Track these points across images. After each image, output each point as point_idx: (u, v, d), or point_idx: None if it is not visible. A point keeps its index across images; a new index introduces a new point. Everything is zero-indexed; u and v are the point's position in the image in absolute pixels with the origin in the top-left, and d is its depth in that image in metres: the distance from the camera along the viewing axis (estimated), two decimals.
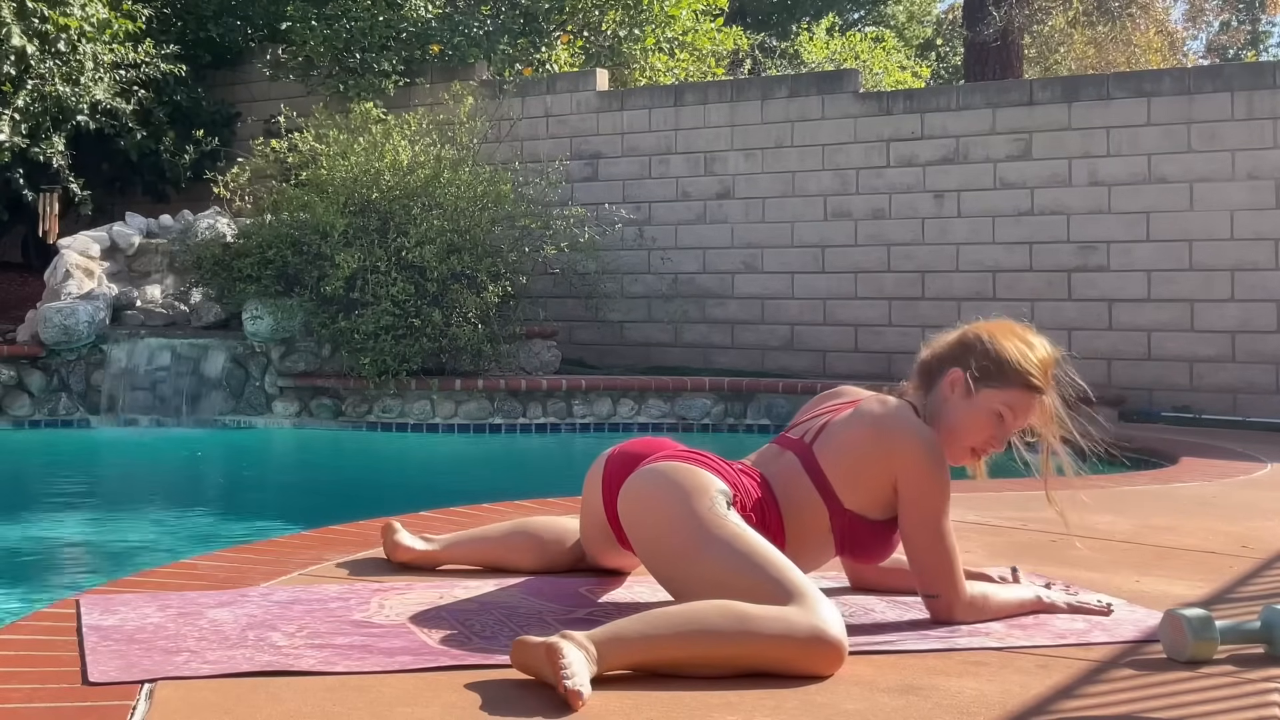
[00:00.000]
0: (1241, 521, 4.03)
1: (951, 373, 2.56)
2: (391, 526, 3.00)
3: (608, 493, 2.59)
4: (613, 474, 2.59)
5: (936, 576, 2.48)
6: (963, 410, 2.55)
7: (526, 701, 1.98)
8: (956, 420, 2.55)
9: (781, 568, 2.26)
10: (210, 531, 5.56)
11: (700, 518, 2.34)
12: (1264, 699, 2.09)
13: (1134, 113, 8.85)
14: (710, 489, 2.39)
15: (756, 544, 2.30)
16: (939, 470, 2.45)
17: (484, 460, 8.15)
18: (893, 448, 2.45)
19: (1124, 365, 8.75)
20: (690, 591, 2.30)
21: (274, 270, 8.78)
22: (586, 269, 9.99)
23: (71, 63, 10.64)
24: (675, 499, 2.38)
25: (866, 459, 2.47)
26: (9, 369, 8.59)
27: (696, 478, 2.41)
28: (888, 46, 16.52)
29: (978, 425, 2.55)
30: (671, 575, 2.40)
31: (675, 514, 2.36)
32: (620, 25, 12.46)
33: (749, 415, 8.84)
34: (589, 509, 2.72)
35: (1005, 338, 2.58)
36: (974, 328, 2.62)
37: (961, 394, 2.55)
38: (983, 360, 2.55)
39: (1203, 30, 27.79)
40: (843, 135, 9.81)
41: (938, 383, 2.59)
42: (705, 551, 2.31)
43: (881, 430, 2.47)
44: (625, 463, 2.57)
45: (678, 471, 2.43)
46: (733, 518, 2.35)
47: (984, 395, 2.54)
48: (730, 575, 2.26)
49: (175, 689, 2.02)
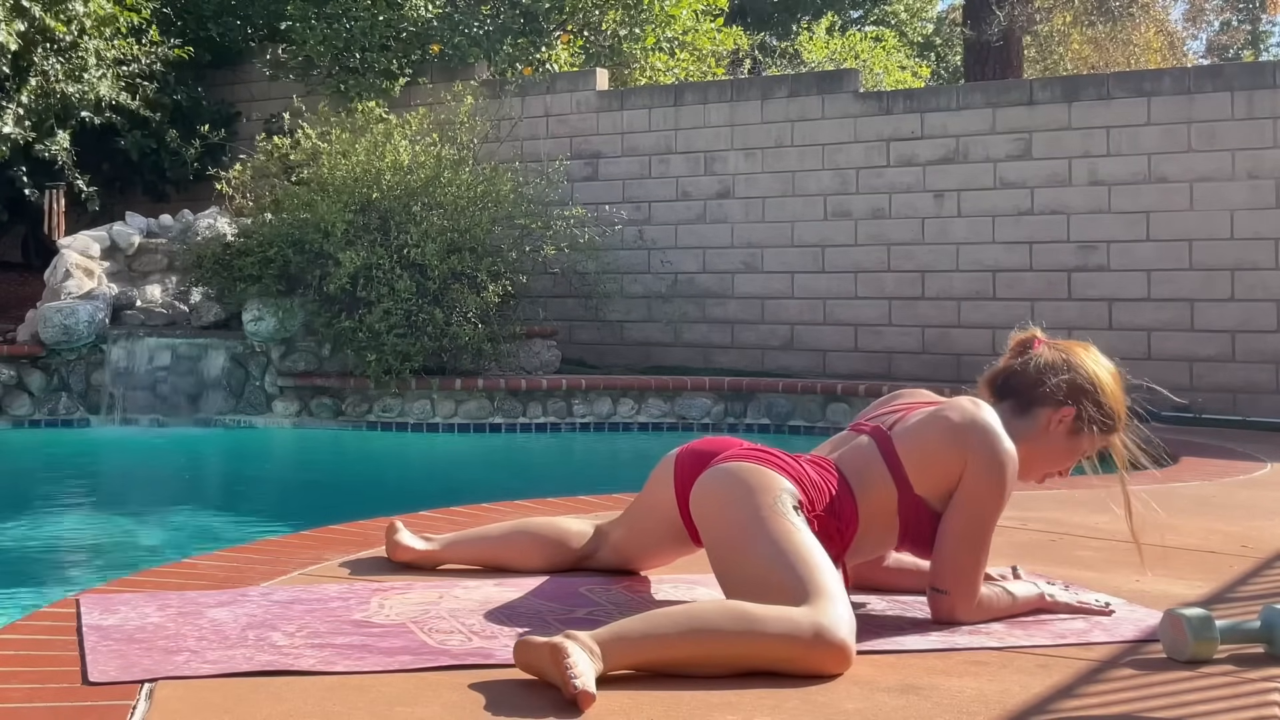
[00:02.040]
0: (1241, 521, 4.03)
1: (1064, 410, 2.60)
2: (394, 526, 3.00)
3: (680, 490, 2.61)
4: (684, 472, 2.61)
5: (957, 574, 2.48)
6: (1059, 445, 2.62)
7: (527, 701, 1.98)
8: (1048, 451, 2.62)
9: (813, 567, 2.26)
10: (210, 531, 5.56)
11: (759, 515, 2.36)
12: (1264, 699, 2.09)
13: (1134, 112, 8.85)
14: (775, 488, 2.41)
15: (800, 543, 2.31)
16: (1007, 481, 2.47)
17: (484, 460, 8.15)
18: (973, 444, 2.46)
19: (1124, 365, 8.72)
20: (730, 585, 2.34)
21: (275, 270, 8.78)
22: (586, 269, 9.99)
23: (74, 59, 10.63)
24: (740, 497, 2.40)
25: (943, 448, 2.48)
26: (9, 369, 8.59)
27: (762, 476, 2.43)
28: (888, 46, 16.52)
29: (1064, 459, 2.65)
30: (723, 569, 2.42)
31: (739, 512, 2.39)
32: (620, 25, 12.46)
33: (749, 415, 8.84)
34: (653, 506, 2.72)
35: (1111, 384, 2.65)
36: (1078, 362, 2.65)
37: (1065, 431, 2.61)
38: (1096, 411, 2.61)
39: (1203, 30, 27.79)
40: (843, 135, 9.81)
41: (1035, 411, 2.61)
42: (753, 546, 2.33)
43: (969, 427, 2.47)
44: (696, 460, 2.59)
45: (747, 471, 2.45)
46: (790, 516, 2.36)
47: (1085, 438, 2.62)
48: (766, 571, 2.27)
49: (175, 689, 2.02)
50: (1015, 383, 2.64)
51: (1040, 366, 2.63)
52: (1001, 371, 2.69)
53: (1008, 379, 2.66)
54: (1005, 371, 2.68)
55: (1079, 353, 2.67)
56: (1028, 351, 2.67)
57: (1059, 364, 2.63)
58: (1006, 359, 2.71)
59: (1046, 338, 2.70)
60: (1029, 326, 2.75)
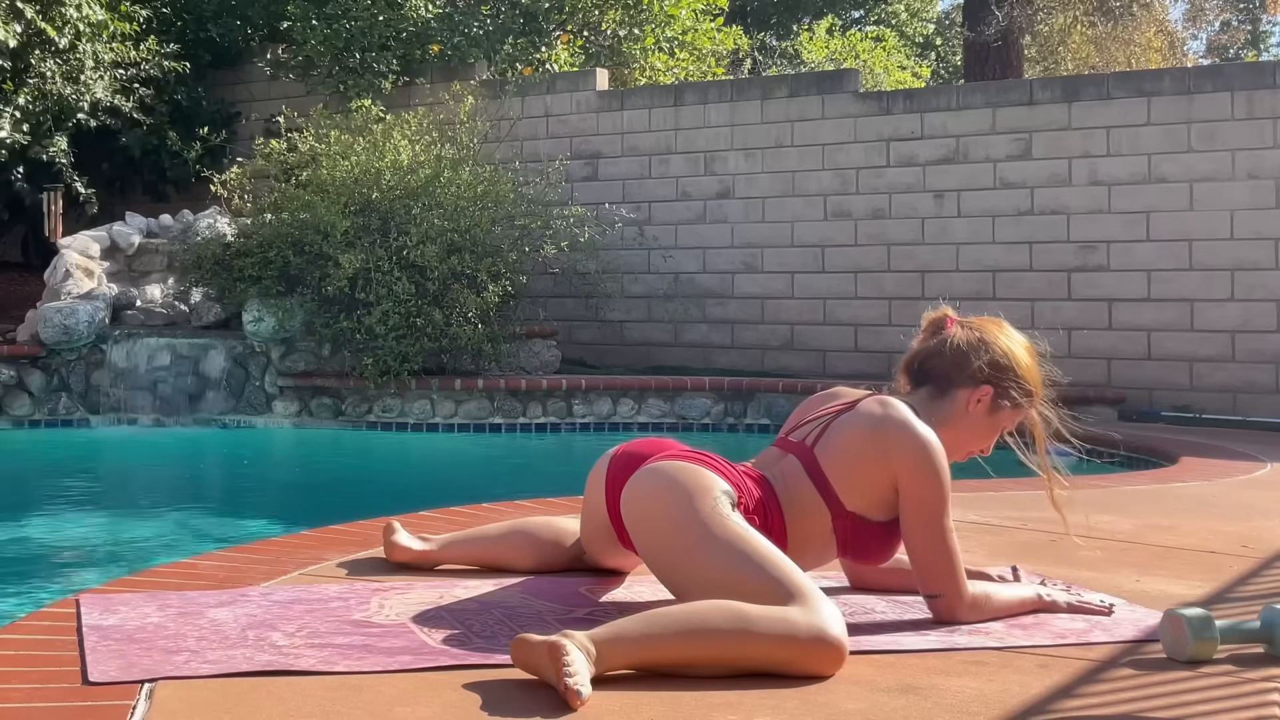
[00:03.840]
0: (1241, 521, 4.03)
1: (980, 389, 2.59)
2: (391, 526, 3.00)
3: (611, 492, 2.59)
4: (616, 473, 2.58)
5: (938, 576, 2.48)
6: (979, 424, 2.62)
7: (526, 701, 1.98)
8: (969, 431, 2.62)
9: (783, 568, 2.26)
10: (210, 531, 5.56)
11: (703, 518, 2.33)
12: (1264, 699, 2.09)
13: (1134, 112, 8.85)
14: (713, 489, 2.39)
15: (758, 544, 2.30)
16: (940, 471, 2.45)
17: (484, 460, 8.15)
18: (893, 448, 2.45)
19: (1124, 365, 8.75)
20: (691, 591, 2.30)
21: (275, 270, 8.79)
22: (586, 269, 9.99)
23: (72, 61, 10.63)
24: (678, 499, 2.37)
25: (867, 460, 2.47)
26: (9, 369, 8.59)
27: (700, 477, 2.41)
28: (888, 46, 16.53)
29: (985, 437, 2.65)
30: (673, 576, 2.40)
31: (678, 514, 2.36)
32: (620, 25, 12.46)
33: (749, 415, 8.84)
34: (591, 508, 2.71)
35: (1026, 359, 2.62)
36: (992, 339, 2.62)
37: (984, 410, 2.60)
38: (1014, 385, 2.60)
39: (1203, 30, 27.79)
40: (843, 135, 9.81)
41: (953, 392, 2.60)
42: (707, 552, 2.30)
43: (882, 431, 2.47)
44: (628, 462, 2.56)
45: (681, 471, 2.43)
46: (735, 518, 2.35)
47: (1005, 414, 2.62)
48: (731, 575, 2.25)
49: (175, 689, 2.02)
50: (931, 366, 2.63)
51: (955, 347, 2.61)
52: (917, 355, 2.67)
53: (924, 363, 2.65)
54: (921, 355, 2.66)
55: (992, 330, 2.64)
56: (941, 332, 2.66)
57: (974, 343, 2.61)
58: (920, 340, 2.69)
59: (958, 316, 2.68)
60: (940, 305, 2.73)
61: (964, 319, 2.67)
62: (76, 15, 10.49)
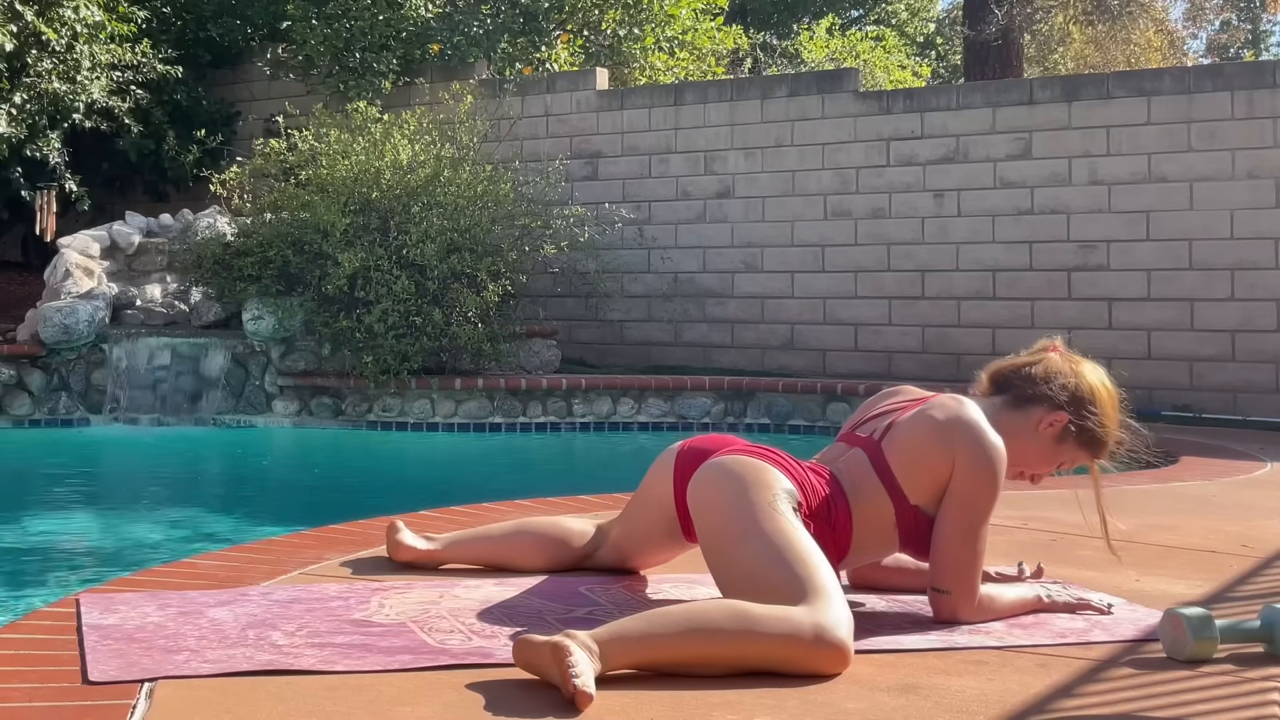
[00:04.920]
0: (1241, 521, 4.03)
1: (1056, 414, 2.61)
2: (395, 526, 3.00)
3: (679, 485, 2.61)
4: (684, 467, 2.61)
5: (956, 573, 2.48)
6: (1046, 449, 2.63)
7: (527, 701, 1.98)
8: (1034, 453, 2.63)
9: (810, 567, 2.27)
10: (210, 530, 5.56)
11: (755, 510, 2.36)
12: (1264, 698, 2.09)
13: (1134, 112, 8.85)
14: (774, 485, 2.42)
15: (797, 542, 2.31)
16: (997, 476, 2.47)
17: (484, 459, 8.14)
18: (959, 443, 2.47)
19: (1124, 365, 8.72)
20: (723, 580, 2.35)
21: (275, 269, 8.79)
22: (586, 268, 9.99)
23: (68, 61, 10.63)
24: (737, 489, 2.41)
25: (933, 453, 2.48)
26: (9, 368, 8.59)
27: (763, 473, 2.44)
28: (888, 46, 16.52)
29: (1046, 463, 2.66)
30: (717, 565, 2.42)
31: (733, 504, 2.39)
32: (620, 24, 12.46)
33: (749, 414, 8.84)
34: (652, 501, 2.72)
35: (1109, 404, 2.64)
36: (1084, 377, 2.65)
37: (1053, 436, 2.62)
38: (1089, 425, 2.62)
39: (1203, 30, 27.79)
40: (842, 134, 9.81)
41: (1029, 408, 2.62)
42: (748, 543, 2.33)
43: (954, 425, 2.48)
44: (695, 457, 2.59)
45: (745, 466, 2.46)
46: (788, 515, 2.37)
47: (1069, 447, 2.64)
48: (761, 569, 2.28)
49: (175, 688, 2.02)
50: (1018, 378, 2.67)
51: (1047, 368, 2.66)
52: (1010, 366, 2.71)
53: (1013, 374, 2.69)
54: (1013, 366, 2.70)
55: (1087, 366, 2.69)
56: (1042, 354, 2.71)
57: (1065, 371, 2.65)
58: (1022, 357, 2.74)
59: (1065, 349, 2.73)
60: (1054, 337, 2.78)
61: (1067, 352, 2.72)
62: (74, 16, 10.48)
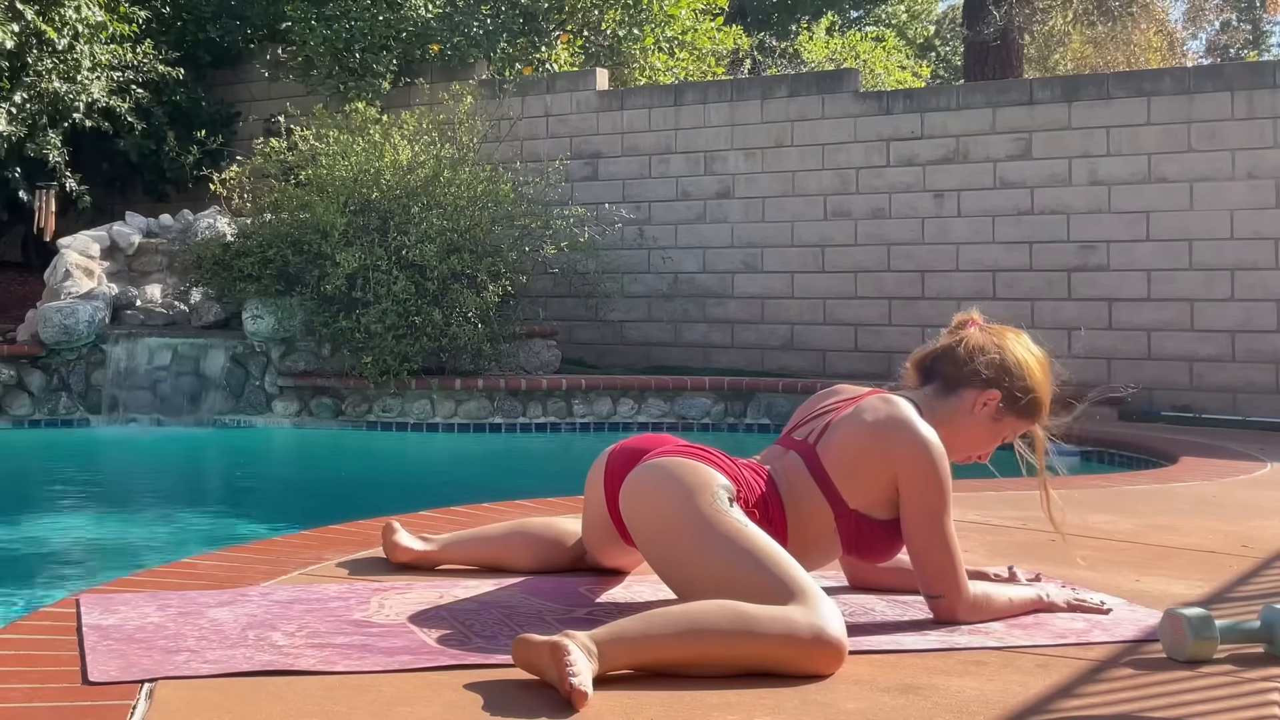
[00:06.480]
0: (1241, 521, 4.03)
1: (988, 393, 2.59)
2: (391, 526, 3.00)
3: (610, 489, 2.59)
4: (615, 470, 2.57)
5: (939, 576, 2.48)
6: (982, 428, 2.61)
7: (526, 701, 1.98)
8: (976, 434, 2.62)
9: (784, 565, 2.26)
10: (210, 531, 5.56)
11: (702, 514, 2.33)
12: (1264, 699, 2.09)
13: (1134, 112, 8.85)
14: (712, 484, 2.39)
15: (759, 541, 2.30)
16: (940, 471, 2.45)
17: (484, 460, 8.15)
18: (894, 447, 2.45)
19: (1124, 365, 8.75)
20: (692, 589, 2.30)
21: (274, 270, 8.79)
22: (586, 269, 9.99)
23: (69, 60, 10.63)
24: (675, 495, 2.37)
25: (868, 458, 2.47)
26: (9, 368, 8.59)
27: (697, 473, 2.41)
28: (888, 46, 16.51)
29: (989, 441, 2.65)
30: (673, 573, 2.40)
31: (677, 510, 2.36)
32: (620, 25, 12.46)
33: (749, 415, 8.84)
34: (591, 506, 2.71)
35: (1038, 370, 2.62)
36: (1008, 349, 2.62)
37: (990, 415, 2.60)
38: (1021, 393, 2.59)
39: (1203, 30, 27.78)
40: (843, 135, 9.81)
41: (960, 391, 2.60)
42: (706, 549, 2.30)
43: (884, 430, 2.47)
44: (627, 458, 2.56)
45: (679, 467, 2.42)
46: (735, 514, 2.35)
47: (1009, 422, 2.61)
48: (732, 572, 2.25)
49: (175, 688, 2.02)
50: (943, 363, 2.64)
51: (970, 348, 2.62)
52: (932, 352, 2.67)
53: (937, 359, 2.65)
54: (935, 352, 2.66)
55: (1010, 337, 2.65)
56: (960, 332, 2.67)
57: (988, 346, 2.62)
58: (942, 339, 2.70)
59: (983, 321, 2.69)
60: (970, 310, 2.74)
61: (986, 324, 2.68)
62: (75, 16, 10.48)
